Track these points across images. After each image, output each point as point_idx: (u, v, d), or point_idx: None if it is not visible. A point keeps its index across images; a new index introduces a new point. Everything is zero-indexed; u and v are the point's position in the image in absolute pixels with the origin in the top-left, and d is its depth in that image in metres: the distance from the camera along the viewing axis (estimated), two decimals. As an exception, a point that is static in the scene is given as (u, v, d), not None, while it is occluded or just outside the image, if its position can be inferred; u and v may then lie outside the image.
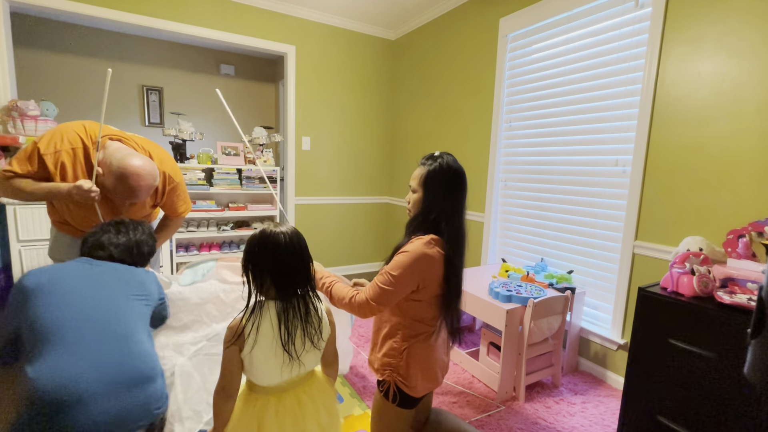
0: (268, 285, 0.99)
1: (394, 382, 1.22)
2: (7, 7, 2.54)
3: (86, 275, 1.11)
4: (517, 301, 1.92)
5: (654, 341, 1.47)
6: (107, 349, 0.97)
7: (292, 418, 1.01)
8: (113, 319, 1.03)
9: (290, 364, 0.99)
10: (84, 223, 1.59)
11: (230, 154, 3.28)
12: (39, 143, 1.41)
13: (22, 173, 1.41)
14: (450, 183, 1.19)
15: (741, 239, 1.50)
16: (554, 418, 1.80)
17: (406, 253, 1.15)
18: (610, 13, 2.06)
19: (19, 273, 2.37)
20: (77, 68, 4.22)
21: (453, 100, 3.19)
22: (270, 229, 1.01)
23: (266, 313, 0.98)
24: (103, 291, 1.09)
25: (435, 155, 1.22)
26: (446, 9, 3.18)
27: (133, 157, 1.43)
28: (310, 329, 1.02)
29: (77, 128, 1.47)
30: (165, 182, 1.64)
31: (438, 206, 1.18)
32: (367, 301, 1.17)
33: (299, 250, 1.01)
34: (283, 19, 3.39)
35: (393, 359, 1.22)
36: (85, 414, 0.87)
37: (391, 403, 1.23)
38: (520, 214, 2.68)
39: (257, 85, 5.27)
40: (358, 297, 1.20)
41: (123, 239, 1.28)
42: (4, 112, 2.48)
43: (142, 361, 1.01)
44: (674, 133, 1.82)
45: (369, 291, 1.19)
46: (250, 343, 0.95)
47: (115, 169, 1.39)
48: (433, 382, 1.27)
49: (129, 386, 0.95)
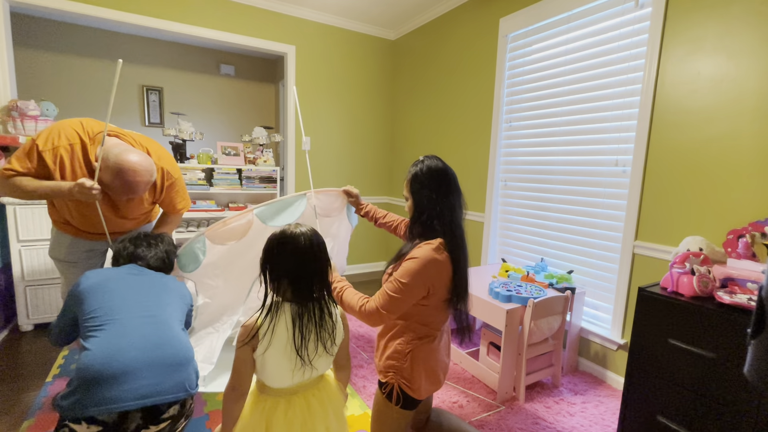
0: (285, 287, 0.99)
1: (397, 384, 1.22)
2: (7, 7, 2.54)
3: (133, 276, 1.30)
4: (517, 301, 1.92)
5: (654, 341, 1.47)
6: (150, 332, 1.12)
7: (300, 422, 1.00)
8: (155, 309, 1.20)
9: (302, 368, 0.98)
10: (84, 222, 1.59)
11: (230, 154, 3.28)
12: (37, 140, 1.41)
13: (22, 171, 1.41)
14: (433, 183, 1.20)
15: (741, 239, 1.50)
16: (554, 418, 1.80)
17: (415, 259, 1.14)
18: (609, 13, 2.06)
19: (19, 273, 2.37)
20: (77, 68, 4.22)
21: (453, 100, 3.19)
22: (290, 230, 0.99)
23: (282, 315, 0.97)
24: (147, 289, 1.27)
25: (419, 160, 1.25)
26: (446, 9, 3.18)
27: (130, 153, 1.43)
28: (324, 334, 1.00)
29: (74, 125, 1.47)
30: (163, 178, 1.63)
31: (427, 207, 1.19)
32: (378, 309, 1.16)
33: (318, 253, 1.00)
34: (283, 19, 3.39)
35: (397, 362, 1.22)
36: (127, 381, 1.01)
37: (393, 404, 1.23)
38: (520, 214, 2.68)
39: (257, 85, 5.27)
40: (368, 306, 1.18)
41: (154, 251, 1.44)
42: (4, 112, 2.48)
43: (177, 347, 1.14)
44: (674, 133, 1.82)
45: (379, 299, 1.17)
46: (264, 344, 0.95)
47: (112, 165, 1.39)
48: (435, 384, 1.27)
49: (165, 365, 1.08)
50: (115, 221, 1.64)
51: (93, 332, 1.07)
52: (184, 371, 1.12)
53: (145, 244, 1.44)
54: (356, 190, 1.81)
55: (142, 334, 1.10)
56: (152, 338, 1.11)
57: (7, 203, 2.31)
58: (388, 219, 1.70)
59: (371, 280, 3.88)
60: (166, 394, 1.05)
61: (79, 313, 1.15)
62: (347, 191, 1.79)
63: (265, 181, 3.36)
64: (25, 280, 2.40)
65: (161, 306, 1.23)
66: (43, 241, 2.40)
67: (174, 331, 1.18)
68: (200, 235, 1.58)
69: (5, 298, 2.44)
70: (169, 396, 1.06)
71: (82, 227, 1.62)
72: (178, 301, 1.33)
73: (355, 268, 4.08)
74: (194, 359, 1.18)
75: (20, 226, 2.35)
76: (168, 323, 1.19)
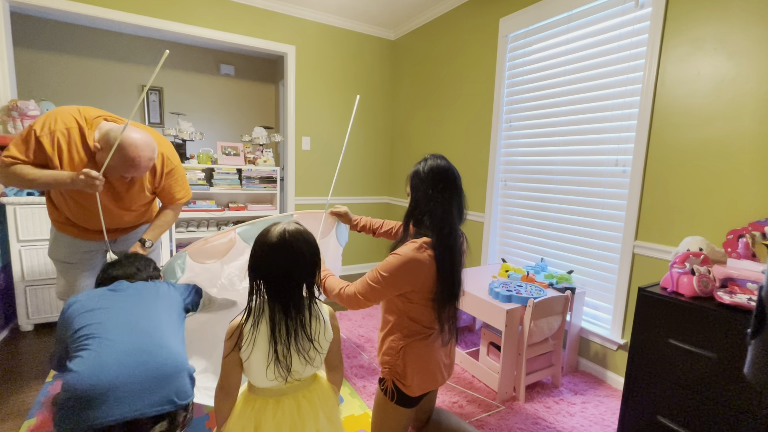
0: (266, 286, 0.96)
1: (392, 380, 1.25)
2: (7, 7, 2.54)
3: (121, 291, 1.28)
4: (517, 301, 1.92)
5: (654, 341, 1.47)
6: (134, 346, 1.08)
7: (290, 423, 0.99)
8: (142, 321, 1.16)
9: (283, 372, 0.96)
10: (83, 215, 1.59)
11: (230, 154, 3.28)
12: (34, 126, 1.43)
13: (22, 158, 1.41)
14: (432, 180, 1.20)
15: (741, 239, 1.50)
16: (554, 418, 1.80)
17: (397, 256, 1.18)
18: (610, 13, 2.06)
19: (19, 273, 2.37)
20: (77, 68, 4.22)
21: (453, 100, 3.19)
22: (269, 229, 0.97)
23: (263, 317, 0.96)
24: (134, 301, 1.24)
25: (425, 157, 1.28)
26: (446, 9, 3.18)
27: (131, 131, 1.45)
28: (305, 344, 0.97)
29: (71, 110, 1.49)
30: (163, 163, 1.64)
31: (421, 202, 1.22)
32: (356, 294, 1.24)
33: (297, 255, 0.95)
34: (283, 19, 3.39)
35: (391, 357, 1.25)
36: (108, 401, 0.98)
37: (389, 401, 1.26)
38: (520, 214, 2.68)
39: (257, 85, 5.27)
40: (347, 289, 1.27)
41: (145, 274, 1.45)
42: (4, 112, 2.48)
43: (163, 357, 1.10)
44: (674, 133, 1.82)
45: (359, 285, 1.25)
46: (247, 344, 0.94)
47: (113, 141, 1.40)
48: (430, 382, 1.27)
49: (150, 379, 1.04)
50: (116, 213, 1.64)
51: (78, 353, 1.05)
52: (173, 382, 1.07)
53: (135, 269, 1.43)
54: (344, 208, 1.80)
55: (125, 350, 1.06)
56: (135, 352, 1.07)
57: (7, 203, 2.31)
58: (386, 227, 1.72)
59: (371, 280, 3.88)
60: (147, 409, 1.01)
61: (67, 338, 1.13)
62: (334, 213, 1.80)
63: (265, 181, 3.36)
64: (25, 280, 2.40)
65: (149, 315, 1.19)
66: (43, 241, 2.40)
67: (162, 340, 1.13)
68: (183, 252, 1.57)
69: (5, 298, 2.44)
70: (150, 411, 1.01)
71: (80, 222, 1.62)
72: (168, 303, 1.29)
73: (355, 269, 4.09)
74: (186, 367, 1.13)
75: (20, 226, 2.35)
76: (156, 333, 1.15)
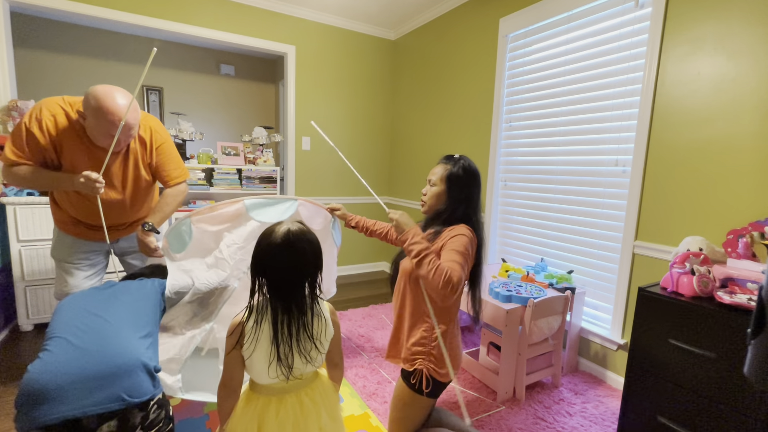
0: (267, 284, 0.97)
1: (426, 369, 1.27)
2: (7, 7, 2.54)
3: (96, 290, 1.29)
4: (517, 301, 1.92)
5: (654, 341, 1.47)
6: (85, 345, 1.05)
7: (292, 420, 0.99)
8: (101, 319, 1.14)
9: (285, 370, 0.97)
10: (86, 211, 1.60)
11: (230, 154, 3.28)
12: (23, 119, 1.46)
13: (21, 157, 1.45)
14: (473, 182, 1.34)
15: (741, 239, 1.50)
16: (554, 418, 1.80)
17: (462, 235, 1.23)
18: (610, 13, 2.06)
19: (19, 273, 2.37)
20: (77, 68, 4.22)
21: (453, 100, 3.19)
22: (273, 229, 0.97)
23: (265, 315, 0.96)
24: (102, 299, 1.23)
25: (456, 157, 1.36)
26: (446, 9, 3.18)
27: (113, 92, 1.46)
28: (306, 344, 0.98)
29: (56, 99, 1.52)
30: (151, 137, 1.65)
31: (465, 202, 1.32)
32: (460, 280, 1.10)
33: (300, 255, 0.96)
34: (283, 19, 3.39)
35: (424, 347, 1.28)
36: (50, 399, 0.95)
37: (420, 393, 1.28)
38: (520, 214, 2.68)
39: (257, 85, 5.27)
40: (454, 276, 1.09)
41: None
42: (4, 112, 2.48)
43: (116, 354, 1.05)
44: (674, 133, 1.82)
45: (453, 272, 1.10)
46: (249, 341, 0.95)
47: (93, 103, 1.40)
48: (458, 366, 1.35)
49: (98, 377, 1.00)
50: (118, 204, 1.64)
51: (40, 353, 1.04)
52: (124, 379, 1.02)
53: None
54: (340, 205, 1.88)
55: (76, 348, 1.04)
56: (86, 350, 1.04)
57: (7, 203, 2.31)
58: (378, 227, 1.81)
59: (371, 281, 3.88)
60: (91, 408, 0.96)
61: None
62: (331, 208, 1.87)
63: (265, 181, 3.36)
64: (25, 280, 2.40)
65: (110, 312, 1.18)
66: (42, 241, 2.40)
67: (118, 338, 1.10)
68: (186, 219, 1.58)
69: (5, 298, 2.44)
70: (95, 409, 0.96)
71: (83, 217, 1.63)
72: (138, 297, 1.29)
73: (355, 269, 4.09)
74: (141, 363, 1.07)
75: (20, 226, 2.35)
76: (110, 330, 1.12)
